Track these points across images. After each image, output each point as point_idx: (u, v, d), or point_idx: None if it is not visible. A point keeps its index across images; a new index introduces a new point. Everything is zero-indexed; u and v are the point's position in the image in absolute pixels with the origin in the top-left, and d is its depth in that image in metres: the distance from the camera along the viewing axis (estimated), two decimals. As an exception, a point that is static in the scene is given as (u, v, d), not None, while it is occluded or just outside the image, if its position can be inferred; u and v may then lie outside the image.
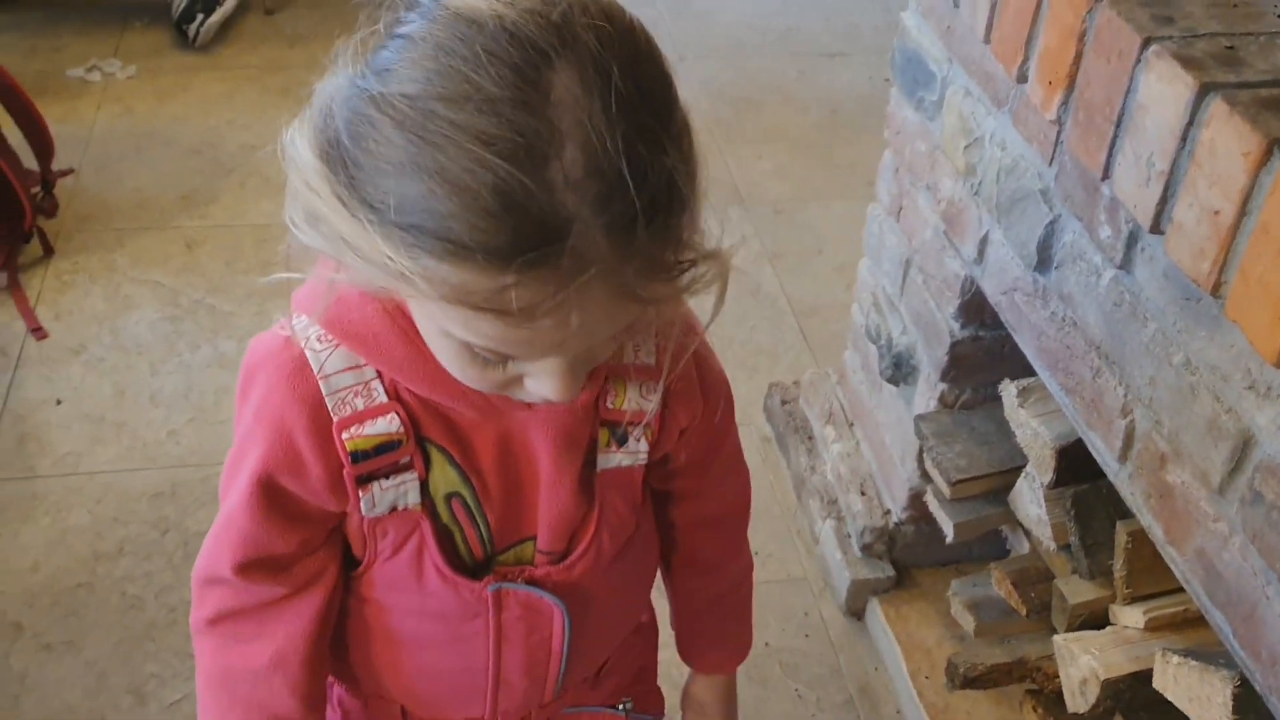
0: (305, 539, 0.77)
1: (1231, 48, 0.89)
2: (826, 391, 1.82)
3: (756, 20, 3.08)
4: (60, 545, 1.66)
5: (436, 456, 0.74)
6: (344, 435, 0.71)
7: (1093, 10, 0.97)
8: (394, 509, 0.75)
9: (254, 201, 2.36)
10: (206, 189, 2.38)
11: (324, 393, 0.71)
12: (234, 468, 0.76)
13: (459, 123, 0.54)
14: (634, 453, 0.81)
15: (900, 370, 1.54)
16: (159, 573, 1.63)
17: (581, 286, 0.55)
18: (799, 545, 1.75)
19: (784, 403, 1.90)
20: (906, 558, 1.65)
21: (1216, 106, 0.83)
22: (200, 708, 0.83)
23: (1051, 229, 1.13)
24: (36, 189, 2.22)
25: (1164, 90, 0.88)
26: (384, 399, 0.71)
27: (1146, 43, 0.90)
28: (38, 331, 2.00)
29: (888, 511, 1.63)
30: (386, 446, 0.72)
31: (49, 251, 2.17)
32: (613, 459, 0.80)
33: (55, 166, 2.24)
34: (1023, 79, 1.10)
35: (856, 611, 1.66)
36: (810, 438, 1.83)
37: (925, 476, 1.50)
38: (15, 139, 2.17)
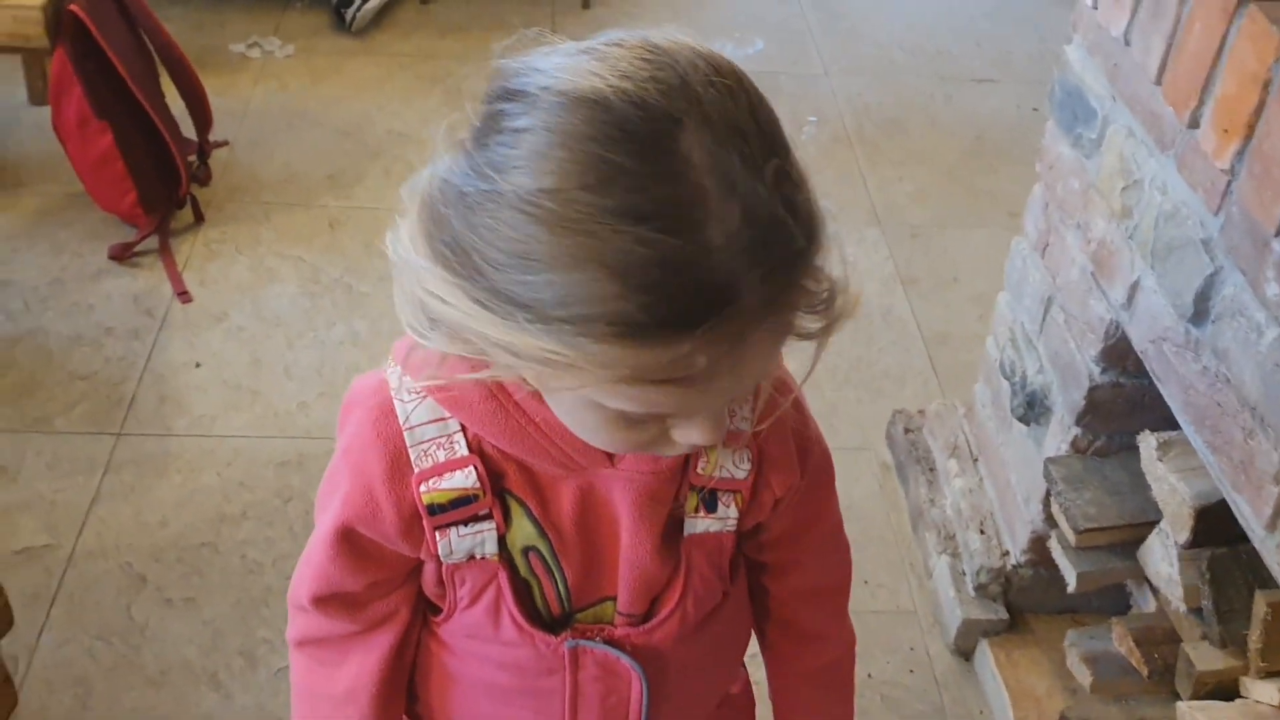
0: (377, 581, 0.78)
1: None
2: (953, 424, 1.79)
3: (907, 40, 3.04)
4: (189, 504, 1.72)
5: (515, 509, 0.74)
6: (421, 488, 0.72)
7: (1280, 59, 0.93)
8: (471, 557, 0.75)
9: (396, 187, 2.35)
10: (352, 170, 2.44)
11: (407, 443, 0.72)
12: (326, 497, 0.78)
13: (608, 207, 0.53)
14: (723, 519, 0.79)
15: (1033, 410, 1.50)
16: (279, 540, 1.68)
17: (742, 331, 0.55)
18: (910, 577, 1.72)
19: (907, 431, 1.87)
20: (1021, 601, 1.61)
21: None
22: (294, 713, 0.87)
23: (1211, 281, 1.09)
24: (193, 157, 2.30)
25: (1352, 148, 0.84)
26: (465, 451, 0.72)
27: (1337, 97, 0.86)
28: (183, 296, 2.08)
29: (1006, 552, 1.60)
30: (462, 500, 0.72)
31: (199, 219, 2.25)
32: (700, 524, 0.78)
33: (212, 138, 2.32)
34: (1194, 124, 1.07)
35: (965, 651, 1.63)
36: (932, 469, 1.80)
37: (1050, 521, 1.46)
38: (177, 109, 2.25)
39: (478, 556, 0.75)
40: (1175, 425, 1.19)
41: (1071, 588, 1.40)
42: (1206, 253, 1.09)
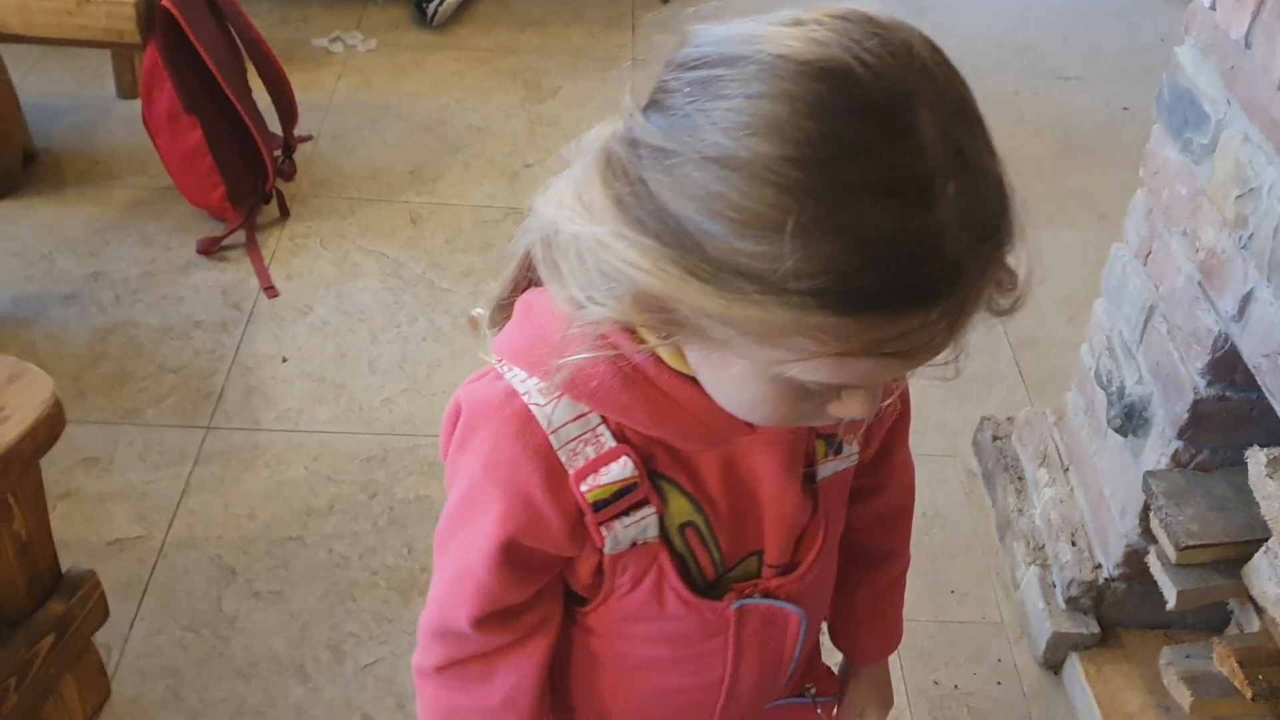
0: (540, 589, 0.78)
1: None
2: (1043, 431, 1.75)
3: (993, 35, 2.99)
4: (277, 497, 1.74)
5: (669, 490, 0.74)
6: (582, 487, 0.71)
7: None
8: (634, 544, 0.75)
9: (476, 182, 2.42)
10: (433, 166, 2.46)
11: (554, 446, 0.70)
12: (461, 522, 0.75)
13: (856, 180, 0.53)
14: (849, 456, 0.82)
15: (1131, 421, 1.46)
16: (365, 534, 1.69)
17: (952, 299, 0.56)
18: (997, 588, 1.69)
19: (995, 438, 1.83)
20: (1113, 615, 1.58)
21: None
22: None
23: (1333, 294, 1.05)
24: (279, 152, 2.32)
25: None
26: (613, 443, 0.71)
27: None
28: (270, 290, 2.10)
29: (1098, 565, 1.56)
30: (623, 491, 0.72)
31: (285, 214, 2.28)
32: (830, 468, 0.81)
33: (297, 132, 2.35)
34: (1321, 132, 1.03)
35: (1054, 665, 1.59)
36: (1020, 478, 1.76)
37: (1147, 535, 1.43)
38: (263, 103, 2.28)
39: (639, 543, 0.75)
40: (1288, 441, 1.15)
41: (1171, 606, 1.36)
42: (1329, 265, 1.06)
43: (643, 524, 0.74)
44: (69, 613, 1.29)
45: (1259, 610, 1.30)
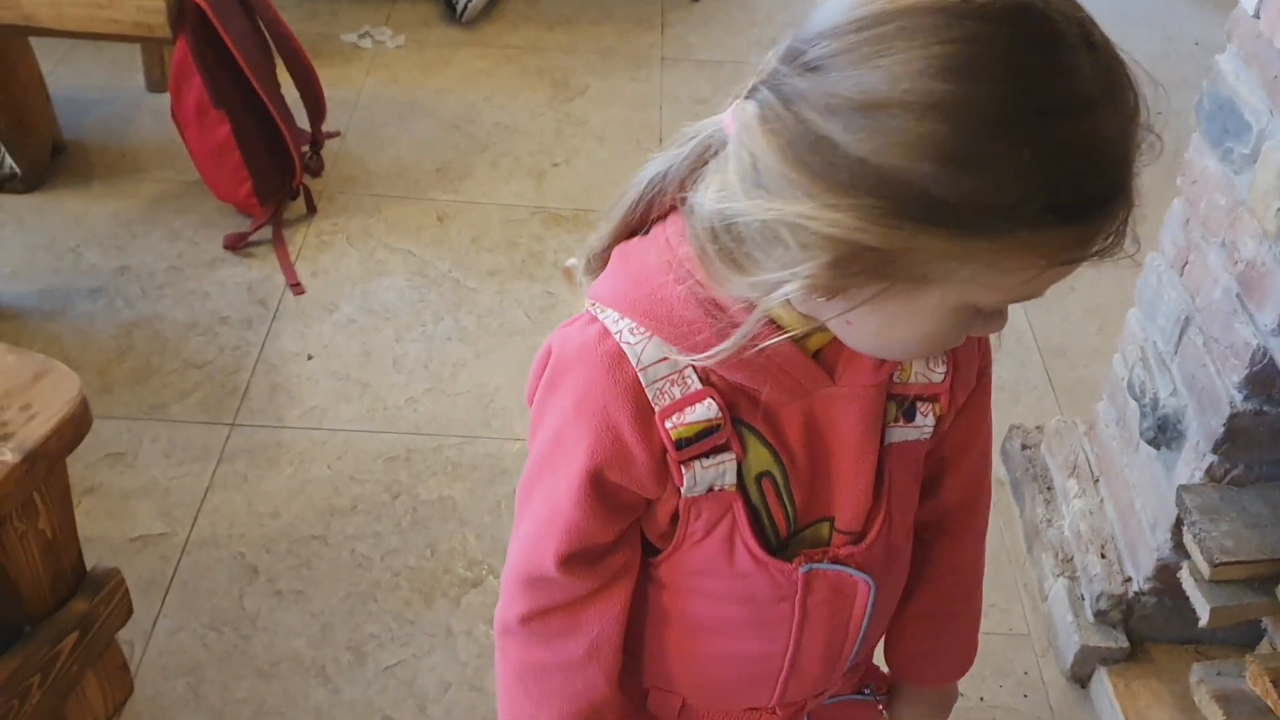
0: (623, 532, 0.79)
1: None
2: (1072, 442, 1.73)
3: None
4: (300, 496, 1.73)
5: (750, 437, 0.75)
6: (667, 424, 0.73)
7: None
8: (710, 489, 0.76)
9: (504, 181, 2.41)
10: (460, 164, 2.45)
11: (643, 383, 0.72)
12: (548, 463, 0.77)
13: (1052, 100, 0.58)
14: (920, 428, 0.81)
15: (1164, 434, 1.44)
16: (387, 535, 1.68)
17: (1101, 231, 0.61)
18: (1024, 599, 1.67)
19: (1024, 447, 1.81)
20: (1143, 629, 1.56)
21: None
22: (506, 702, 0.85)
23: (1378, 311, 1.03)
24: (306, 148, 2.32)
25: None
26: (699, 385, 0.73)
27: None
28: (296, 287, 2.10)
29: (1128, 579, 1.54)
30: (707, 431, 0.73)
31: (312, 210, 2.27)
32: (899, 434, 0.80)
33: (324, 128, 2.34)
34: (1368, 146, 1.01)
35: (1081, 678, 1.58)
36: (1049, 488, 1.74)
37: (1178, 550, 1.41)
38: (291, 98, 2.27)
39: (716, 488, 0.76)
40: (1327, 459, 1.13)
41: (1204, 623, 1.34)
42: (1374, 282, 1.04)
43: (721, 468, 0.75)
44: (93, 611, 1.29)
45: (1293, 629, 1.28)
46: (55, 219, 2.21)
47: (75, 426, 1.17)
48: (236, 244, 2.17)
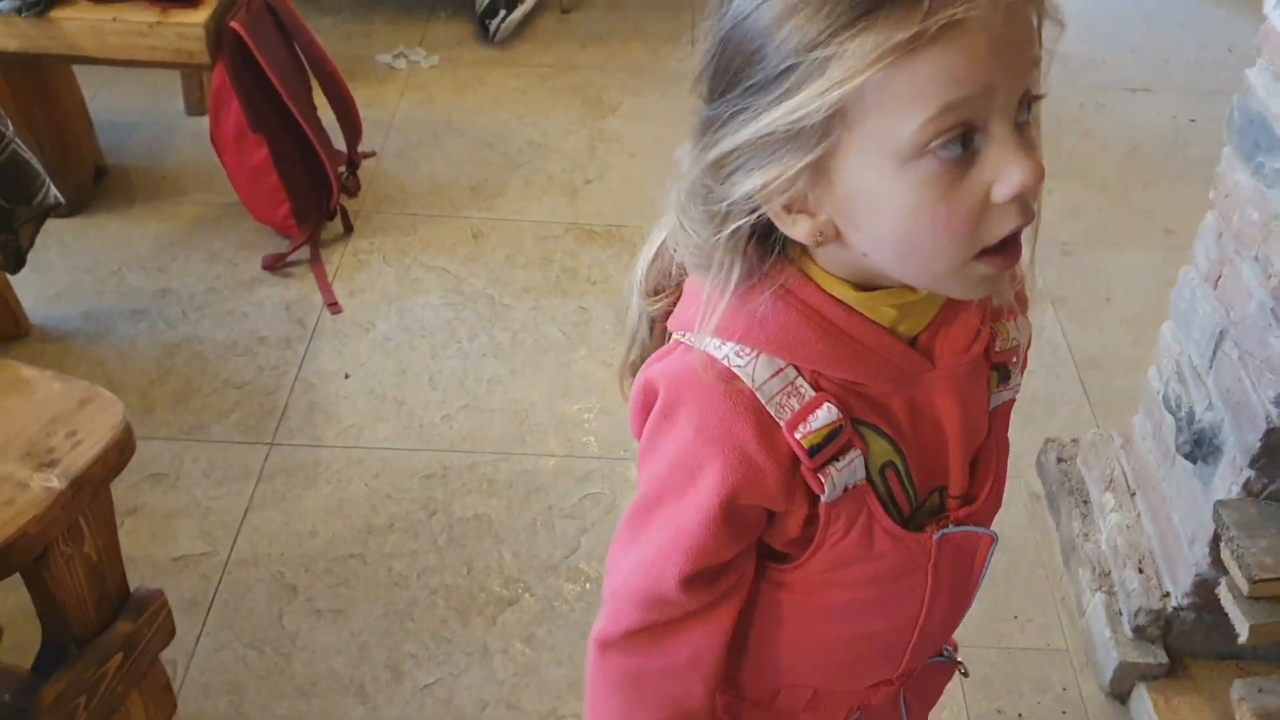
0: (743, 548, 0.81)
1: None
2: (1109, 455, 1.72)
3: (1058, 47, 2.93)
4: (338, 514, 1.75)
5: (868, 433, 0.77)
6: (796, 435, 0.74)
7: None
8: (847, 489, 0.78)
9: (537, 198, 2.43)
10: (494, 181, 2.47)
11: (762, 401, 0.74)
12: (670, 491, 0.78)
13: None
14: (1015, 386, 0.85)
15: (1201, 448, 1.43)
16: (424, 553, 1.70)
17: None
18: (1062, 614, 1.66)
19: (1060, 460, 1.81)
20: (1182, 645, 1.54)
21: None
22: (599, 712, 0.87)
23: None
24: (343, 169, 2.35)
25: None
26: (813, 392, 0.74)
27: None
28: (333, 306, 2.12)
29: (1167, 594, 1.53)
30: (833, 435, 0.75)
31: (349, 229, 2.30)
32: (999, 397, 0.84)
33: (361, 148, 2.37)
34: (1401, 161, 1.00)
35: (1120, 694, 1.56)
36: (1085, 501, 1.73)
37: (1217, 565, 1.40)
38: (327, 120, 2.31)
39: (850, 487, 0.77)
40: (1365, 475, 1.12)
41: (1243, 640, 1.33)
42: None
43: (852, 466, 0.77)
44: (136, 632, 1.31)
45: (1334, 646, 1.27)
46: (98, 242, 2.25)
47: (119, 452, 1.20)
48: (275, 264, 2.20)
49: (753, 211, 0.70)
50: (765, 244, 0.74)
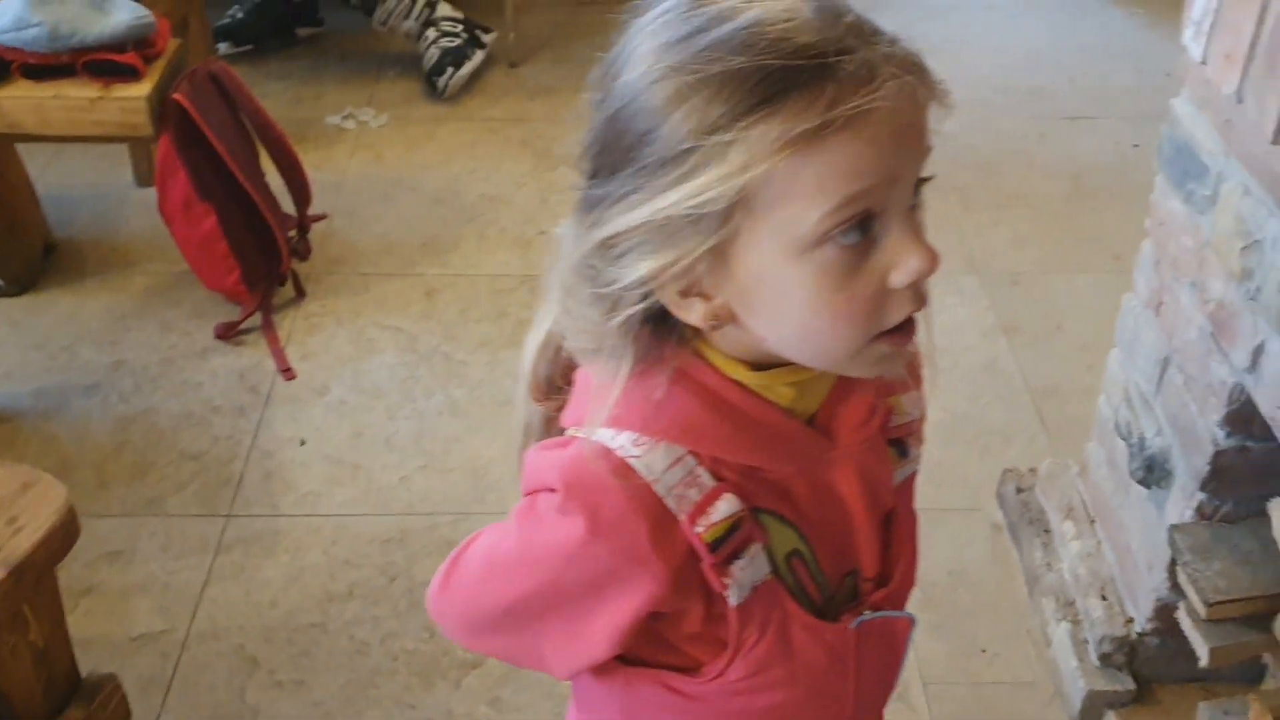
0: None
1: None
2: (1066, 484, 1.73)
3: (999, 79, 2.99)
4: (297, 583, 1.74)
5: (769, 522, 0.75)
6: (697, 528, 0.71)
7: None
8: (754, 587, 0.75)
9: (491, 252, 2.43)
10: (448, 237, 2.47)
11: (660, 493, 0.71)
12: (569, 601, 0.74)
13: (701, 40, 0.63)
14: (915, 458, 0.84)
15: (1153, 473, 1.44)
16: (385, 619, 1.68)
17: (882, 68, 0.62)
18: (1029, 646, 1.66)
19: (1019, 491, 1.81)
20: (1148, 671, 1.54)
21: None
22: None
23: (1344, 348, 1.04)
24: (293, 233, 2.35)
25: None
26: (713, 481, 0.72)
27: None
28: (287, 372, 2.11)
29: (1130, 620, 1.53)
30: (735, 527, 0.72)
31: (300, 294, 2.30)
32: (900, 473, 0.83)
33: (310, 211, 2.37)
34: (1319, 186, 1.02)
35: (1089, 724, 1.56)
36: (1046, 531, 1.74)
37: (1176, 590, 1.40)
38: (276, 184, 2.31)
39: (757, 585, 0.75)
40: (1310, 494, 1.13)
41: (1204, 663, 1.33)
42: (1337, 319, 1.04)
43: (756, 561, 0.74)
44: (89, 719, 1.29)
45: (1293, 666, 1.28)
46: (49, 318, 2.24)
47: (63, 536, 1.18)
48: (227, 333, 2.19)
49: (645, 297, 0.68)
50: (660, 327, 0.71)
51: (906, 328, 0.68)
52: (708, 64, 0.62)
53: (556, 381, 0.80)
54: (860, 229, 0.64)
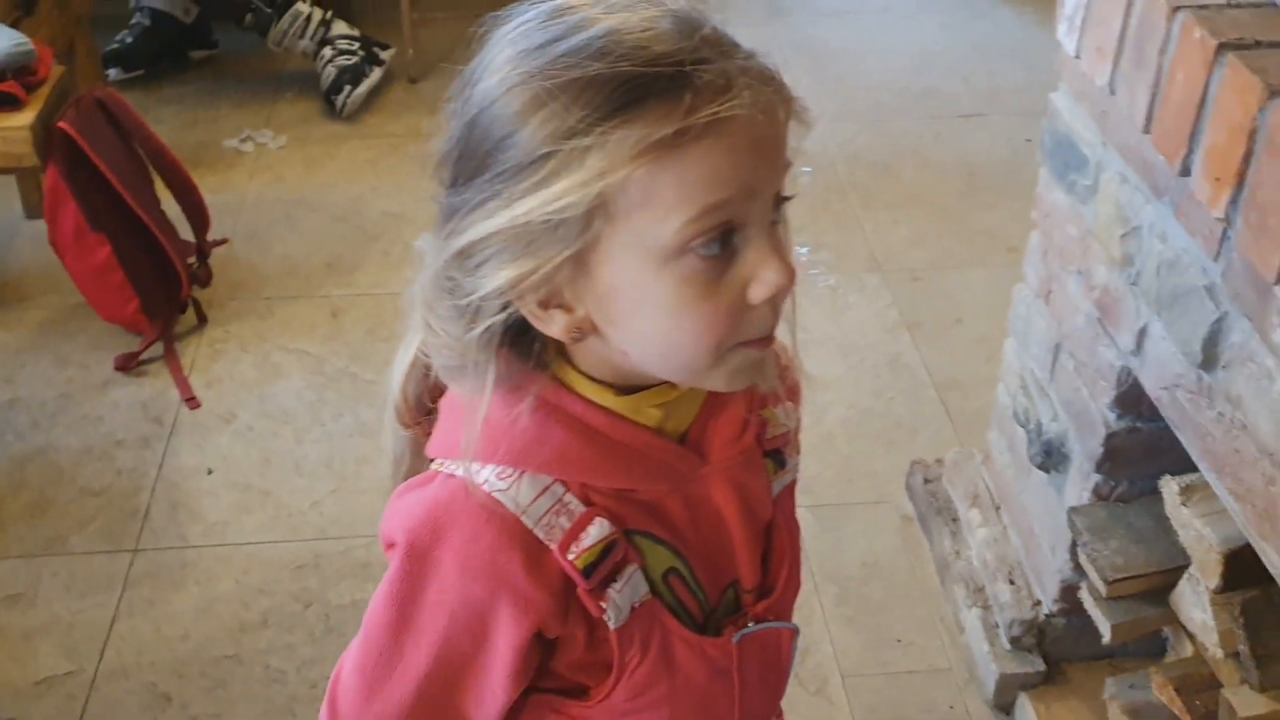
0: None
1: None
2: (971, 472, 1.77)
3: (894, 81, 3.04)
4: (208, 615, 1.70)
5: (643, 542, 0.75)
6: (569, 556, 0.71)
7: (1265, 108, 0.92)
8: (633, 608, 0.74)
9: (396, 269, 2.41)
10: (351, 256, 2.45)
11: (529, 525, 0.70)
12: (464, 660, 0.73)
13: (558, 49, 0.64)
14: (792, 469, 0.85)
15: (1051, 458, 1.48)
16: (300, 646, 1.66)
17: (737, 79, 0.62)
18: (943, 634, 1.69)
19: (926, 481, 1.85)
20: (1057, 651, 1.58)
21: None
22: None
23: (1218, 327, 1.08)
24: (192, 259, 2.31)
25: (1348, 198, 0.83)
26: (583, 508, 0.72)
27: (1328, 147, 0.85)
28: (191, 401, 2.07)
29: (1038, 602, 1.57)
30: (608, 550, 0.72)
31: (202, 320, 2.26)
32: (779, 483, 0.83)
33: (210, 236, 2.33)
34: (1186, 172, 1.06)
35: (1004, 706, 1.60)
36: (954, 520, 1.77)
37: (1078, 569, 1.44)
38: (173, 211, 2.26)
39: (636, 605, 0.74)
40: (1197, 467, 1.17)
41: (1106, 640, 1.37)
42: (1211, 299, 1.08)
43: (632, 583, 0.74)
44: (-9, 765, 1.25)
45: (1190, 636, 1.32)
46: (-61, 358, 2.17)
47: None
48: (127, 364, 2.14)
49: (505, 308, 0.67)
50: (521, 343, 0.70)
51: (762, 340, 0.68)
52: (565, 70, 0.62)
53: (426, 403, 0.78)
54: (720, 241, 0.64)
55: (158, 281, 2.19)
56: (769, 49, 0.67)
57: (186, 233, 2.30)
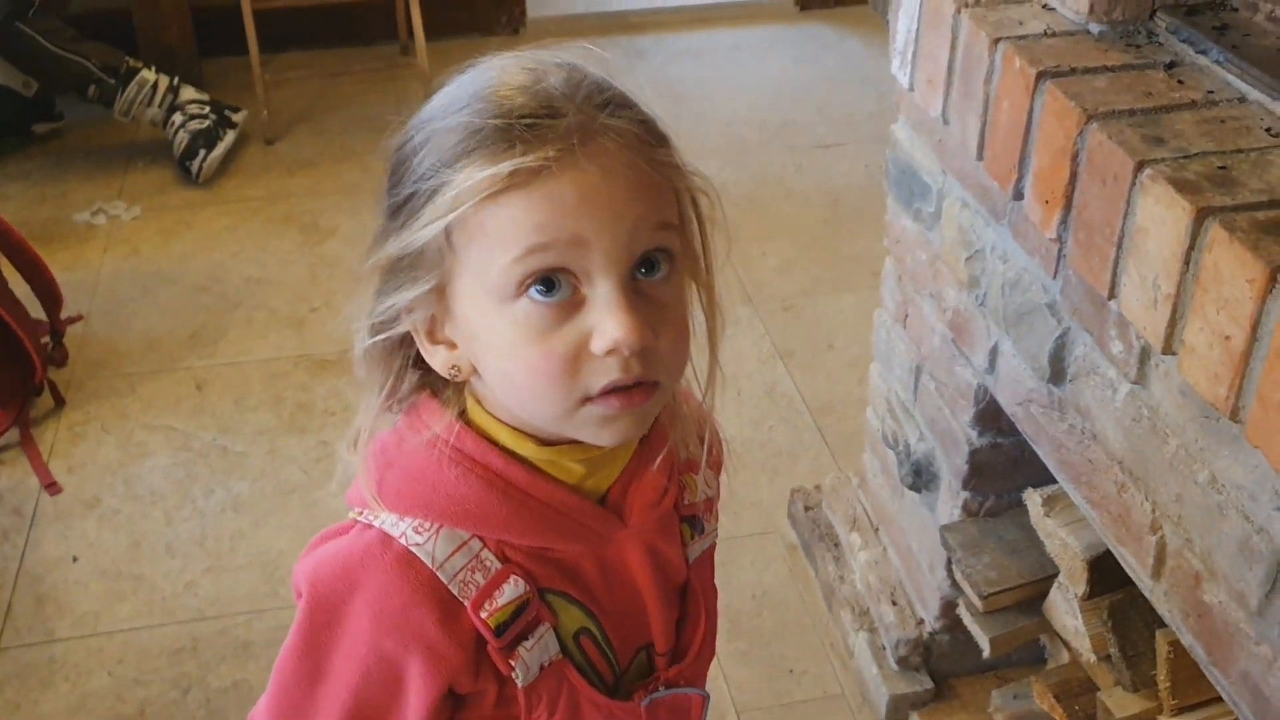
0: None
1: (1224, 168, 0.87)
2: (849, 496, 1.79)
3: (752, 116, 3.10)
4: (81, 712, 1.63)
5: (557, 602, 0.75)
6: (482, 614, 0.71)
7: (1083, 132, 0.96)
8: (542, 667, 0.75)
9: (261, 336, 2.36)
10: (214, 326, 2.39)
11: (444, 580, 0.70)
12: (378, 710, 0.73)
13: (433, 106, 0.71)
14: (710, 534, 0.87)
15: (921, 478, 1.51)
16: (181, 734, 1.60)
17: (581, 134, 0.65)
18: (833, 660, 1.71)
19: (807, 508, 1.87)
20: (944, 667, 1.61)
21: (1216, 232, 0.82)
22: None
23: (1062, 342, 1.11)
24: (46, 339, 2.22)
25: (1162, 214, 0.87)
26: (499, 565, 0.72)
27: (1140, 166, 0.89)
28: (52, 487, 1.99)
29: (921, 621, 1.59)
30: (521, 609, 0.72)
31: (60, 402, 2.17)
32: (696, 548, 0.84)
33: (64, 314, 2.25)
34: (1019, 196, 1.09)
35: (897, 727, 1.62)
36: (837, 545, 1.80)
37: (956, 586, 1.47)
38: (22, 291, 2.18)
39: (545, 665, 0.74)
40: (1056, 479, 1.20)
41: (986, 653, 1.40)
42: (1053, 315, 1.12)
43: (543, 642, 0.74)
44: None
45: (1064, 642, 1.35)
46: None
47: None
48: (-20, 454, 2.05)
49: (399, 324, 0.72)
50: (435, 378, 0.74)
51: (630, 390, 0.68)
52: (451, 116, 0.68)
53: None
54: (546, 284, 0.66)
55: (9, 365, 2.10)
56: (629, 92, 0.71)
57: (37, 313, 2.22)
